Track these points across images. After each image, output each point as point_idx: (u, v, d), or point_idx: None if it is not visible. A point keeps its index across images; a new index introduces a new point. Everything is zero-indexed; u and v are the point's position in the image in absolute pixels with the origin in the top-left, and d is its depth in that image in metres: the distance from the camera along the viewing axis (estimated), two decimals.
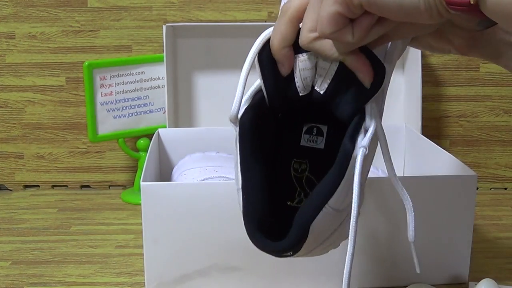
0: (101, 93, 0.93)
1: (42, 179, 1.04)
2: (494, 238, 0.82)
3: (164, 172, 0.90)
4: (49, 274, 0.72)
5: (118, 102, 0.95)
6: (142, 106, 0.98)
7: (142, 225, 0.64)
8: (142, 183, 0.63)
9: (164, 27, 0.91)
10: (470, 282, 0.68)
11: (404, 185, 0.47)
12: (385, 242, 0.66)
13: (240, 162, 0.45)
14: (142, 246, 0.65)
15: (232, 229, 0.63)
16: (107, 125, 0.95)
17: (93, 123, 0.93)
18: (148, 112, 0.98)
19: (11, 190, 1.04)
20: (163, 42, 0.91)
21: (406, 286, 0.65)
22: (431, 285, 0.65)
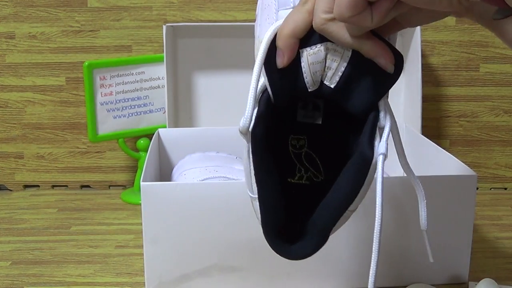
0: (101, 93, 0.93)
1: (42, 179, 1.04)
2: (494, 238, 0.82)
3: (164, 172, 0.90)
4: (49, 274, 0.72)
5: (118, 102, 0.95)
6: (142, 106, 0.98)
7: (142, 225, 0.64)
8: (142, 183, 0.63)
9: (164, 27, 0.91)
10: (470, 282, 0.68)
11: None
12: (385, 242, 0.66)
13: (255, 173, 0.44)
14: (142, 246, 0.65)
15: (232, 229, 0.63)
16: (107, 125, 0.95)
17: (93, 123, 0.93)
18: (148, 112, 0.98)
19: (11, 190, 1.04)
20: (163, 42, 0.91)
21: (406, 286, 0.65)
22: (431, 285, 0.65)
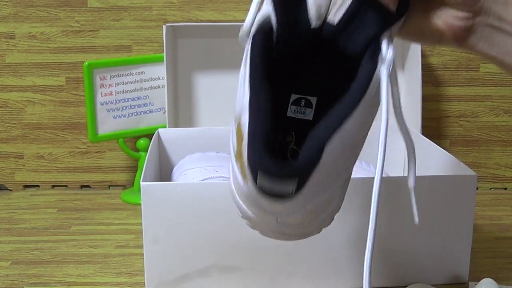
0: (101, 93, 0.93)
1: (42, 179, 1.04)
2: (494, 238, 0.82)
3: (164, 172, 0.90)
4: (49, 274, 0.72)
5: (118, 102, 0.95)
6: (142, 106, 0.98)
7: (142, 225, 0.64)
8: (142, 183, 0.63)
9: (164, 27, 0.91)
10: (470, 282, 0.68)
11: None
12: (385, 242, 0.66)
13: (249, 78, 0.42)
14: (142, 246, 0.65)
15: (232, 229, 0.63)
16: (107, 125, 0.95)
17: (93, 123, 0.93)
18: (148, 112, 0.98)
19: (11, 190, 1.04)
20: (163, 42, 0.91)
21: (406, 286, 0.65)
22: (431, 285, 0.65)
